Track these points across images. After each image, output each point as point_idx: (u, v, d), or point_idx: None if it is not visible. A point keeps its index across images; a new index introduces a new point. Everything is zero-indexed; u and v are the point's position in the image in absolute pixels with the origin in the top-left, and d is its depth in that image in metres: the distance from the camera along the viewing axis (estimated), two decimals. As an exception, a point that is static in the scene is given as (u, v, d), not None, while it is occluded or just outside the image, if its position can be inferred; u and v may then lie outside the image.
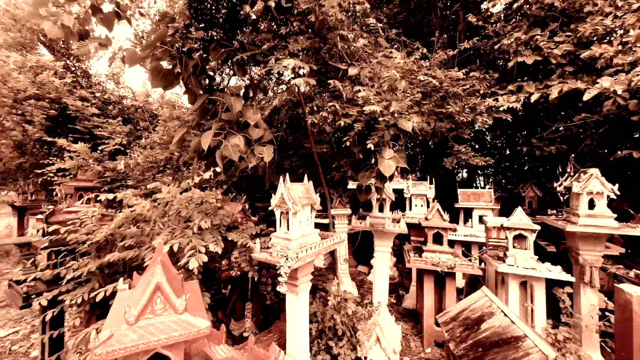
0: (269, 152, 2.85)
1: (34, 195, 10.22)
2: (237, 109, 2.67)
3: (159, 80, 2.78)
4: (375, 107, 2.52)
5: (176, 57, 2.74)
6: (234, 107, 2.66)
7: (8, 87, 7.23)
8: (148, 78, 2.83)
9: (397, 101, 2.72)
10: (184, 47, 2.87)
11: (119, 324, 1.34)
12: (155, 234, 2.45)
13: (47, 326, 3.31)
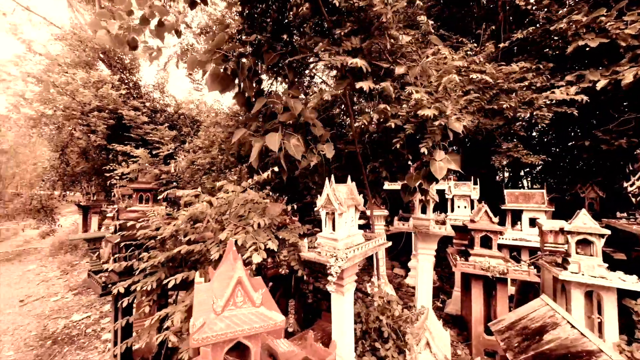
0: (329, 149, 2.92)
1: (95, 195, 11.44)
2: (298, 109, 2.77)
3: (217, 84, 2.97)
4: (430, 111, 2.47)
5: (234, 61, 2.91)
6: (296, 108, 2.76)
7: (76, 101, 8.22)
8: (206, 82, 3.03)
9: (450, 102, 2.64)
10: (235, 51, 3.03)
11: (207, 313, 1.47)
12: (218, 229, 2.64)
13: (120, 313, 3.70)
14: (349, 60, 2.50)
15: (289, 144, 2.79)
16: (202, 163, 6.33)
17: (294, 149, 2.76)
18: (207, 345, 1.37)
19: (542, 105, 3.47)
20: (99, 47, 10.93)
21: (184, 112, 12.36)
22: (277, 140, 2.63)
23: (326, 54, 2.69)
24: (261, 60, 3.23)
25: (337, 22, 2.80)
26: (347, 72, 2.93)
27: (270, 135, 2.69)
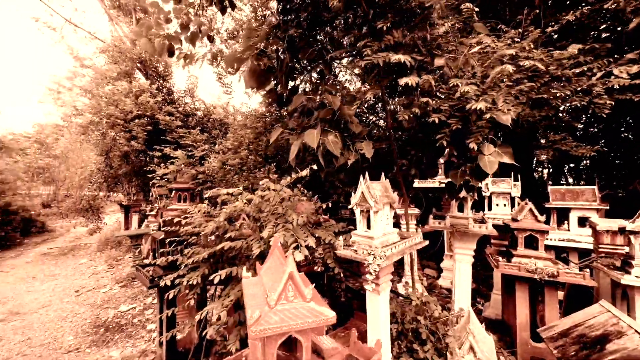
0: (368, 148, 2.89)
1: (135, 196, 12.27)
2: (337, 105, 2.78)
3: (254, 80, 3.05)
4: (482, 104, 2.34)
5: (271, 57, 2.98)
6: (334, 103, 2.77)
7: (119, 109, 8.90)
8: (243, 78, 3.12)
9: (501, 93, 2.49)
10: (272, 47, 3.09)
11: (260, 307, 1.50)
12: (257, 227, 2.71)
13: (165, 305, 3.94)
14: (393, 57, 2.44)
15: (327, 141, 2.79)
16: (233, 163, 6.56)
17: (333, 146, 2.75)
18: (263, 337, 1.40)
19: (602, 92, 3.15)
20: (137, 57, 11.72)
21: (213, 115, 12.89)
22: (315, 137, 2.64)
23: (367, 50, 2.65)
24: (296, 57, 3.26)
25: (379, 14, 2.75)
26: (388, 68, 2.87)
27: (308, 132, 2.71)
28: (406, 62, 2.50)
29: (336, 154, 2.88)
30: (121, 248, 10.37)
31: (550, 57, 3.00)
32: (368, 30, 2.86)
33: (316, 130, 2.74)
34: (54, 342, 4.81)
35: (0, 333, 5.10)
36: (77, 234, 13.90)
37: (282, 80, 3.06)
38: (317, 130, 2.70)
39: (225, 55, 3.22)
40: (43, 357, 4.37)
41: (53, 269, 8.91)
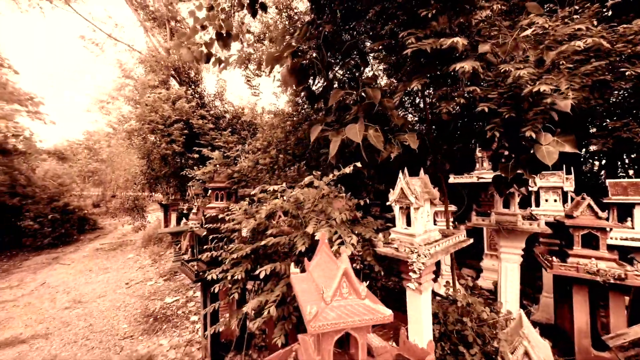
0: (413, 139, 2.81)
1: (173, 195, 13.05)
2: (378, 98, 2.73)
3: (293, 78, 3.08)
4: (545, 86, 2.15)
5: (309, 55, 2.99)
6: (375, 97, 2.72)
7: (159, 115, 9.53)
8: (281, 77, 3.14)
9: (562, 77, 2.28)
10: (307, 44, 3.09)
11: (314, 302, 1.51)
12: (298, 223, 2.75)
13: (209, 299, 4.15)
14: (446, 42, 2.32)
15: (370, 135, 2.73)
16: (264, 162, 6.72)
17: (375, 140, 2.69)
18: (319, 333, 1.40)
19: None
20: (171, 66, 12.44)
21: (242, 117, 13.32)
22: (357, 132, 2.59)
23: (411, 38, 2.55)
24: (331, 52, 3.24)
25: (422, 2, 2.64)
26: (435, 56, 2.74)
27: (350, 127, 2.67)
28: (458, 47, 2.36)
29: (379, 148, 2.82)
30: (162, 244, 11.11)
31: (614, 34, 2.67)
32: (409, 19, 2.75)
33: (358, 125, 2.70)
34: (111, 329, 5.28)
35: (67, 319, 5.71)
36: (123, 231, 15.16)
37: (324, 74, 3.03)
38: (360, 125, 2.65)
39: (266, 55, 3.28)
40: (103, 342, 4.82)
41: (105, 263, 9.78)
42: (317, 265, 1.87)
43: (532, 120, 2.41)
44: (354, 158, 3.11)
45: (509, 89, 2.86)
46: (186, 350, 4.46)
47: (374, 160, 2.80)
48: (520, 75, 2.49)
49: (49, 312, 6.11)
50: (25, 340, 5.02)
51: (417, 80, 2.93)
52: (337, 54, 3.39)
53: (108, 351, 4.57)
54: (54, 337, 5.06)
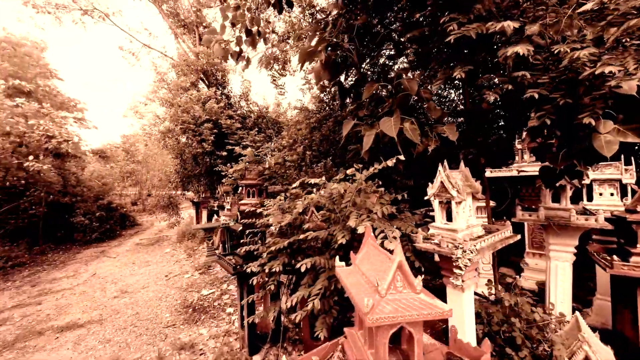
0: (452, 131, 2.69)
1: (203, 193, 13.62)
2: (415, 89, 2.64)
3: (327, 74, 3.07)
4: (611, 67, 1.95)
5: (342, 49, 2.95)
6: (412, 88, 2.64)
7: (190, 115, 10.00)
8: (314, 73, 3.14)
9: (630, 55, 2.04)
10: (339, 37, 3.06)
11: (368, 295, 1.48)
12: (338, 217, 2.74)
13: (245, 291, 4.28)
14: (495, 26, 2.18)
15: (406, 128, 2.65)
16: (292, 159, 6.79)
17: (411, 133, 2.61)
18: (374, 326, 1.38)
19: None
20: (200, 69, 12.97)
21: (267, 115, 13.58)
22: (393, 125, 2.52)
23: (452, 24, 2.43)
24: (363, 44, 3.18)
25: None
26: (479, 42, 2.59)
27: (384, 120, 2.61)
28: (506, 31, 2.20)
29: (416, 141, 2.72)
30: (195, 239, 11.68)
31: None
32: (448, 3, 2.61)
33: (393, 118, 2.62)
34: (155, 317, 5.65)
35: (117, 307, 6.19)
36: (159, 227, 16.15)
37: (357, 67, 2.98)
38: (395, 118, 2.58)
39: (299, 52, 3.28)
40: (149, 330, 5.16)
41: (146, 257, 10.49)
42: (364, 258, 1.85)
43: (590, 106, 2.18)
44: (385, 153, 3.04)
45: (563, 72, 2.63)
46: (224, 340, 4.65)
47: (409, 155, 2.71)
48: (578, 57, 2.27)
49: (101, 301, 6.65)
50: (82, 325, 5.51)
51: (460, 68, 2.78)
52: (370, 46, 3.31)
53: (154, 338, 4.88)
54: (106, 323, 5.50)
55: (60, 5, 12.77)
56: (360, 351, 1.73)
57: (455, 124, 2.92)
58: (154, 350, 4.52)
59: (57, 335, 5.17)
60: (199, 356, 4.33)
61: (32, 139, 9.77)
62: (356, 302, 1.47)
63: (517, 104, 3.02)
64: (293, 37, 9.76)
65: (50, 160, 10.82)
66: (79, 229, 13.08)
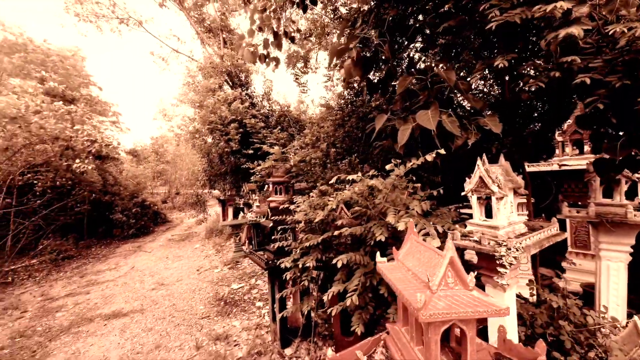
0: (494, 122, 2.58)
1: (229, 191, 14.07)
2: (453, 80, 2.56)
3: (358, 70, 3.05)
4: None
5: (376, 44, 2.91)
6: (450, 79, 2.56)
7: (217, 116, 10.37)
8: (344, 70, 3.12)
9: None
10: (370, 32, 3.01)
11: (418, 290, 1.46)
12: (373, 214, 2.72)
13: (277, 286, 4.39)
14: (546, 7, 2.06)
15: (444, 121, 2.57)
16: (318, 156, 6.83)
17: (451, 125, 2.52)
18: (427, 322, 1.36)
19: None
20: (225, 71, 13.38)
21: (289, 114, 13.74)
22: (430, 118, 2.45)
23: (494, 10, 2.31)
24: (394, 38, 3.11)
25: None
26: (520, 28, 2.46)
27: (421, 113, 2.54)
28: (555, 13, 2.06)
29: (456, 133, 2.63)
30: (222, 236, 12.12)
31: None
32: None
33: (430, 111, 2.54)
34: (190, 309, 5.96)
35: (155, 298, 6.60)
36: (188, 224, 16.94)
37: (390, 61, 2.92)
38: (433, 110, 2.50)
39: (329, 49, 3.29)
40: (186, 320, 5.45)
41: (178, 252, 11.06)
42: (408, 254, 1.82)
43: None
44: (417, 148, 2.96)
45: (619, 54, 2.42)
46: (256, 332, 4.80)
47: (447, 148, 2.61)
48: (638, 36, 2.07)
49: (140, 292, 7.11)
50: (126, 313, 5.93)
51: (502, 57, 2.64)
52: (400, 41, 3.23)
53: (191, 328, 5.15)
54: (147, 313, 5.88)
55: (101, 15, 13.72)
56: (406, 348, 1.72)
57: (497, 115, 2.77)
58: (192, 339, 4.77)
59: (105, 322, 5.61)
60: (234, 347, 4.51)
61: (77, 142, 10.63)
62: (406, 297, 1.46)
63: (560, 93, 2.82)
64: (315, 35, 9.76)
65: (92, 162, 11.74)
66: (117, 225, 14.07)
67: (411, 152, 3.10)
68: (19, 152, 9.36)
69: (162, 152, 26.81)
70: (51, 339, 5.12)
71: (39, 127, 9.41)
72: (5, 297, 7.17)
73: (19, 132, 9.06)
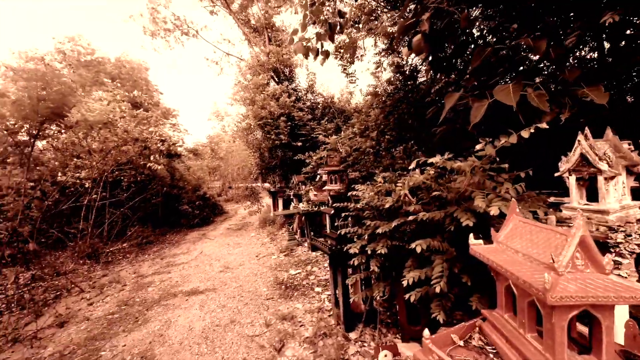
0: (600, 93, 2.24)
1: (278, 183, 14.69)
2: (542, 49, 2.27)
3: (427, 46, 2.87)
4: None
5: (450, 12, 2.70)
6: (539, 48, 2.27)
7: (267, 111, 10.86)
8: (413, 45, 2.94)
9: None
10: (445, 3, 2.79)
11: (539, 273, 1.34)
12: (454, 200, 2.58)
13: (339, 274, 4.48)
14: None
15: (530, 94, 2.28)
16: (371, 144, 6.72)
17: (537, 100, 2.23)
18: (557, 306, 1.24)
19: None
20: (271, 67, 13.86)
21: (333, 105, 13.72)
22: (511, 92, 2.19)
23: None
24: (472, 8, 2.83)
25: None
26: None
27: (500, 88, 2.28)
28: None
29: (544, 109, 2.32)
30: (275, 225, 12.79)
31: None
32: None
33: (512, 84, 2.27)
34: (255, 290, 6.45)
35: (224, 280, 7.30)
36: (242, 215, 18.27)
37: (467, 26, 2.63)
38: (515, 84, 2.22)
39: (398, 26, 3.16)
40: (253, 300, 5.92)
41: (236, 239, 12.02)
42: (513, 235, 1.68)
43: None
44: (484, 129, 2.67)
45: None
46: (319, 315, 4.99)
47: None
48: None
49: (210, 274, 7.92)
50: (202, 291, 6.67)
51: (612, 13, 2.22)
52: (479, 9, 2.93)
53: (258, 307, 5.57)
54: (219, 292, 6.53)
55: (167, 29, 15.34)
56: (513, 335, 1.60)
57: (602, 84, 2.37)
58: (261, 317, 5.17)
59: (186, 298, 6.41)
60: (299, 327, 4.76)
61: (152, 143, 12.14)
62: (523, 279, 1.35)
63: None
64: (363, 22, 9.47)
65: (164, 159, 13.37)
66: (184, 215, 15.84)
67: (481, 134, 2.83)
68: (110, 153, 11.07)
69: (216, 149, 29.18)
70: (147, 308, 6.05)
71: (124, 130, 11.00)
72: (109, 273, 8.65)
73: (109, 136, 10.70)
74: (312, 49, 4.99)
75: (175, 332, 5.03)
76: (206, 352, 4.38)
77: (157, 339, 4.86)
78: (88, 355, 4.61)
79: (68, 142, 10.70)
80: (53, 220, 10.69)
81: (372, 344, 4.18)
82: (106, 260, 9.82)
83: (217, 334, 4.81)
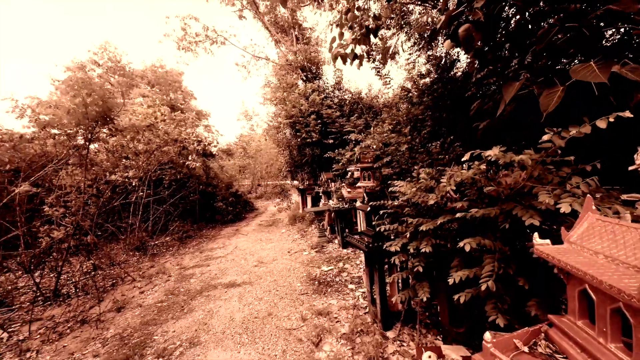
0: None
1: (307, 181, 14.85)
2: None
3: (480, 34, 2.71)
4: None
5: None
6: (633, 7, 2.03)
7: (298, 109, 11.02)
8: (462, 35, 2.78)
9: None
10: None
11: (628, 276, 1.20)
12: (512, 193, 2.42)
13: (376, 272, 4.42)
14: None
15: (622, 71, 2.02)
16: (402, 141, 6.53)
17: (632, 74, 1.96)
18: None
19: None
20: (299, 66, 14.02)
21: (361, 102, 13.52)
22: (596, 69, 1.95)
23: None
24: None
25: None
26: None
27: (577, 67, 2.06)
28: None
29: None
30: (304, 222, 12.98)
31: None
32: None
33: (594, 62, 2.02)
34: (289, 286, 6.60)
35: (259, 274, 7.57)
36: (272, 212, 18.79)
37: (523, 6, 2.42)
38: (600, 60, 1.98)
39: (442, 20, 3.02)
40: (287, 295, 6.07)
41: (268, 235, 12.39)
42: (590, 235, 1.53)
43: None
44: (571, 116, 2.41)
45: None
46: (355, 313, 4.98)
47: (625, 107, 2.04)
48: None
49: (246, 268, 8.24)
50: (239, 284, 6.97)
51: None
52: None
53: (294, 302, 5.70)
54: (255, 285, 6.78)
55: (196, 41, 16.18)
56: (591, 343, 1.47)
57: None
58: (296, 312, 5.29)
59: (225, 289, 6.75)
60: (335, 323, 4.79)
61: (189, 143, 12.92)
62: (611, 283, 1.22)
63: None
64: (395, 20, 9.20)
65: (200, 159, 14.19)
66: (218, 212, 16.68)
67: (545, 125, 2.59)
68: (153, 154, 11.97)
69: (246, 148, 30.25)
70: (191, 298, 6.47)
71: (164, 132, 11.82)
72: (155, 264, 9.39)
73: (152, 138, 11.57)
74: (349, 54, 5.04)
75: (217, 321, 5.33)
76: (247, 342, 4.58)
77: (202, 327, 5.20)
78: (143, 338, 5.07)
79: (117, 145, 11.77)
80: (107, 216, 11.86)
81: (412, 344, 4.09)
82: (152, 252, 10.68)
83: (256, 325, 5.02)
